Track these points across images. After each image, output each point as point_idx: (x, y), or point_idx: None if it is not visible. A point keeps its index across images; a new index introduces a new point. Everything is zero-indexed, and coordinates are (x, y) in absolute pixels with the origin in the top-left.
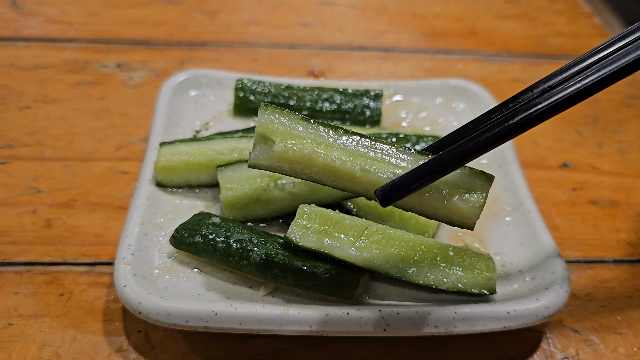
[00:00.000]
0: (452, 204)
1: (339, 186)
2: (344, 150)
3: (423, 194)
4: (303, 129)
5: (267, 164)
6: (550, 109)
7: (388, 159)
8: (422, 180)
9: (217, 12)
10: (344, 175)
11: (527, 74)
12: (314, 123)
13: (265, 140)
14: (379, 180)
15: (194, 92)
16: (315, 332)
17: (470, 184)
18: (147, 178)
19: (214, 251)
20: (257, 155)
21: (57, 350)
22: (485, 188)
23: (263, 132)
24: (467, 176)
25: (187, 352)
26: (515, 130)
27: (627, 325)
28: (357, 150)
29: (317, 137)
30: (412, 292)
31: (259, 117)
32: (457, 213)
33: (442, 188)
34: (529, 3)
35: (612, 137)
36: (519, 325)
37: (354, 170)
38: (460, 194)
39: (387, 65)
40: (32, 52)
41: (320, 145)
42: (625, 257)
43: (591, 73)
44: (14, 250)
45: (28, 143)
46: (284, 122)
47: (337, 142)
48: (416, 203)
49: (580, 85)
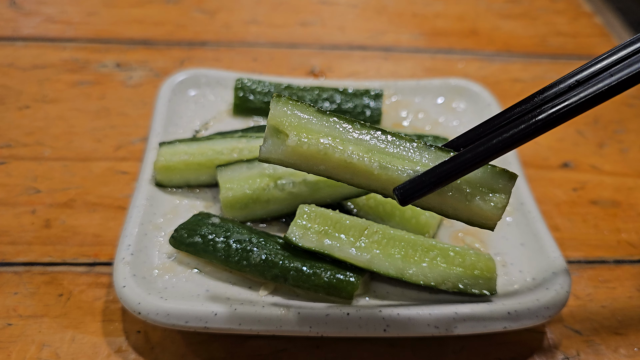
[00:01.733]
0: (473, 204)
1: (355, 183)
2: (361, 145)
3: (443, 193)
4: (318, 122)
5: (279, 158)
6: (580, 105)
7: (407, 155)
8: (444, 179)
9: (217, 11)
10: (361, 172)
11: (528, 74)
12: (330, 115)
13: (277, 134)
14: (398, 178)
15: (193, 91)
16: (315, 332)
17: (493, 183)
18: (147, 178)
19: (213, 251)
20: (269, 149)
21: (56, 350)
22: (508, 188)
23: (275, 124)
24: (489, 175)
25: (187, 353)
26: (543, 128)
27: (627, 326)
28: (375, 146)
29: (332, 131)
30: (413, 292)
31: (271, 109)
32: (478, 213)
33: (464, 187)
34: (529, 3)
35: (613, 137)
36: (520, 326)
37: (371, 166)
38: (482, 194)
39: (388, 64)
40: (31, 52)
41: (336, 139)
42: (626, 257)
43: (622, 68)
44: (13, 250)
45: (27, 143)
46: (297, 114)
47: (354, 137)
48: (436, 202)
49: (611, 80)
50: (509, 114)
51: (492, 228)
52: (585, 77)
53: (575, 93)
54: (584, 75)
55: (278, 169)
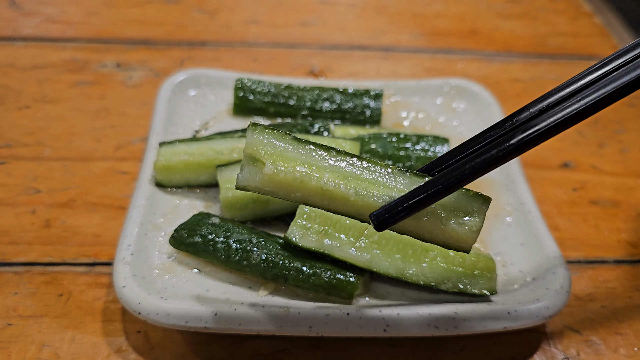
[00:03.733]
0: (448, 228)
1: (332, 209)
2: (337, 172)
3: (419, 217)
4: (294, 150)
5: (256, 186)
6: (550, 129)
7: (383, 181)
8: (418, 204)
9: (217, 11)
10: (337, 199)
11: (528, 74)
12: (305, 143)
13: (254, 162)
14: (374, 204)
15: (193, 91)
16: (315, 332)
17: (467, 207)
18: (147, 178)
19: (213, 251)
20: (246, 177)
21: (56, 350)
22: (482, 211)
23: (252, 153)
24: (463, 198)
25: (187, 353)
26: (514, 152)
27: (628, 326)
28: (351, 172)
29: (309, 159)
30: (413, 292)
31: (248, 137)
32: (453, 237)
33: (439, 211)
34: (529, 3)
35: (613, 137)
36: (520, 326)
37: (348, 193)
38: (457, 218)
39: (388, 64)
40: (31, 52)
41: (312, 167)
42: (626, 257)
43: (591, 92)
44: (13, 250)
45: (27, 143)
46: (273, 142)
47: (329, 164)
48: (412, 227)
49: (580, 105)
50: (482, 138)
51: (467, 251)
52: (555, 102)
53: (545, 117)
54: (554, 99)
55: None
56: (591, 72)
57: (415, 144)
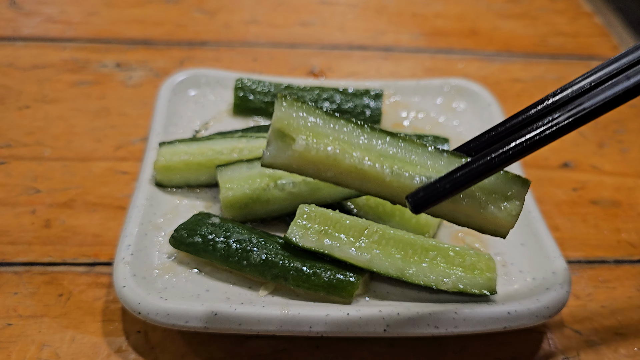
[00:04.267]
0: (487, 212)
1: (364, 190)
2: (372, 150)
3: (457, 200)
4: (326, 126)
5: (284, 163)
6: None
7: (419, 161)
8: (459, 186)
9: (217, 11)
10: (372, 179)
11: (528, 74)
12: (339, 118)
13: (282, 137)
14: (411, 185)
15: (193, 91)
16: (315, 332)
17: (506, 190)
18: (147, 178)
19: (213, 251)
20: (273, 153)
21: (56, 350)
22: (521, 194)
23: (281, 127)
24: (502, 181)
25: (187, 353)
26: (563, 130)
27: (628, 326)
28: (386, 151)
29: (342, 135)
30: (413, 292)
31: (276, 110)
32: (491, 221)
33: (477, 194)
34: (529, 3)
35: (613, 137)
36: (520, 326)
37: (383, 173)
38: (495, 201)
39: (388, 64)
40: (31, 52)
41: (346, 144)
42: (626, 257)
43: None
44: (13, 250)
45: (27, 143)
46: (304, 116)
47: (364, 142)
48: (448, 210)
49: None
50: (523, 116)
51: (504, 236)
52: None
53: (592, 94)
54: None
55: None
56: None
57: None
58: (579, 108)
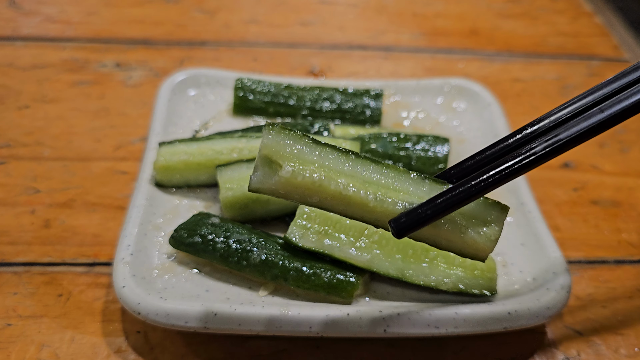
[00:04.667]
0: (467, 237)
1: (348, 214)
2: (356, 177)
3: (438, 225)
4: (312, 153)
5: (271, 188)
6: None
7: (402, 187)
8: (439, 212)
9: (217, 11)
10: (356, 204)
11: (528, 74)
12: (324, 146)
13: (270, 164)
14: (393, 210)
15: (193, 91)
16: (315, 333)
17: (486, 215)
18: (146, 178)
19: (213, 251)
20: (260, 179)
21: (55, 351)
22: (500, 220)
23: (267, 154)
24: (482, 207)
25: (186, 353)
26: (539, 160)
27: (628, 326)
28: (370, 178)
29: (327, 162)
30: (413, 292)
31: (263, 138)
32: (471, 245)
33: (458, 219)
34: (529, 2)
35: (614, 137)
36: (520, 326)
37: (367, 199)
38: (475, 226)
39: (388, 64)
40: (30, 52)
41: (331, 171)
42: (626, 257)
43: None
44: (13, 250)
45: (27, 143)
46: (291, 144)
47: (349, 168)
48: (430, 235)
49: (604, 115)
50: (503, 144)
51: (483, 259)
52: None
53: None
54: (575, 107)
55: None
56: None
57: (415, 144)
58: (555, 139)
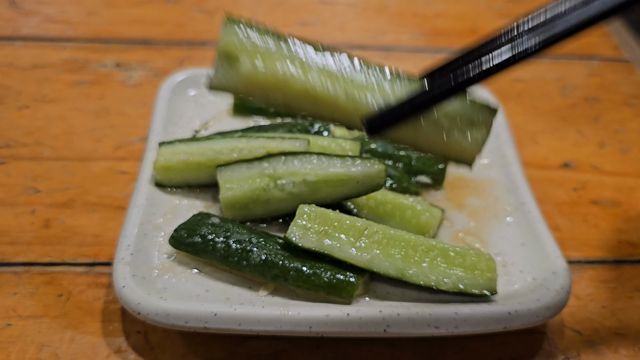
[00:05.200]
0: (451, 138)
1: (316, 114)
2: (325, 72)
3: (418, 126)
4: (276, 46)
5: (231, 86)
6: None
7: (377, 84)
8: (418, 108)
9: (217, 11)
10: (324, 102)
11: (528, 73)
12: (289, 38)
13: (229, 60)
14: (367, 109)
15: (193, 91)
16: (315, 333)
17: (473, 117)
18: (146, 178)
19: (213, 251)
20: (220, 78)
21: (55, 351)
22: (488, 122)
23: (227, 49)
24: (469, 108)
25: (187, 353)
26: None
27: (628, 326)
28: (341, 73)
29: (292, 56)
30: (413, 292)
31: (221, 33)
32: (456, 148)
33: (441, 120)
34: (530, 2)
35: (614, 137)
36: (520, 326)
37: (337, 96)
38: (460, 128)
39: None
40: (30, 52)
41: (297, 65)
42: (626, 257)
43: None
44: (13, 250)
45: (26, 143)
46: (251, 37)
47: (317, 63)
48: (409, 136)
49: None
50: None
51: (470, 164)
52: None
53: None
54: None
55: (278, 168)
56: None
57: None
58: (550, 32)
